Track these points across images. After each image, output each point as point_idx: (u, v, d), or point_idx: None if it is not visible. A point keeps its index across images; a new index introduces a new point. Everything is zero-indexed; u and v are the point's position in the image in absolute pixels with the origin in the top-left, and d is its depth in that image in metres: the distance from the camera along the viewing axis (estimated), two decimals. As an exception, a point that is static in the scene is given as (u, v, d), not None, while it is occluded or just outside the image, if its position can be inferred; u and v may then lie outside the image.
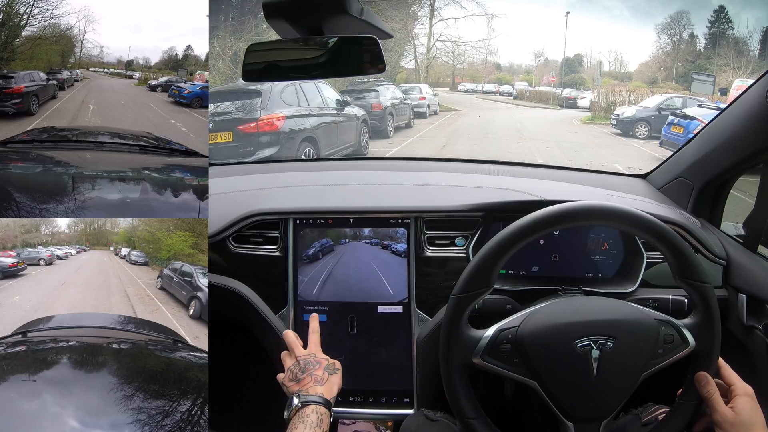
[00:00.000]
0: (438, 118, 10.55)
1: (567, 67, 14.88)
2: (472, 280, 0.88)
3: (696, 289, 0.88)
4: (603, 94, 11.83)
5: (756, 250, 1.21)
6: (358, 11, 0.84)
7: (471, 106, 12.46)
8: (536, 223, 0.87)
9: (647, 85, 13.13)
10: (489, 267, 0.88)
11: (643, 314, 0.89)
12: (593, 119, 11.29)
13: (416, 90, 10.62)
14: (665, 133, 7.86)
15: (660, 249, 0.88)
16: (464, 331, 0.88)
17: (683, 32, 13.65)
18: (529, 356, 0.87)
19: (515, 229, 0.88)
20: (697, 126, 6.83)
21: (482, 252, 0.88)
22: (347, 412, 1.28)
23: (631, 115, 9.53)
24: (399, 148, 7.41)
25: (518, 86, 15.36)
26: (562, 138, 9.02)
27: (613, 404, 0.87)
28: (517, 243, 0.87)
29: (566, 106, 13.06)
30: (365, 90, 7.80)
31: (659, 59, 13.96)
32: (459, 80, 15.44)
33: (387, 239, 1.25)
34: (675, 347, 0.88)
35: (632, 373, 0.86)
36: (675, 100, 9.67)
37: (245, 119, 4.80)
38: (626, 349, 0.86)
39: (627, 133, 9.29)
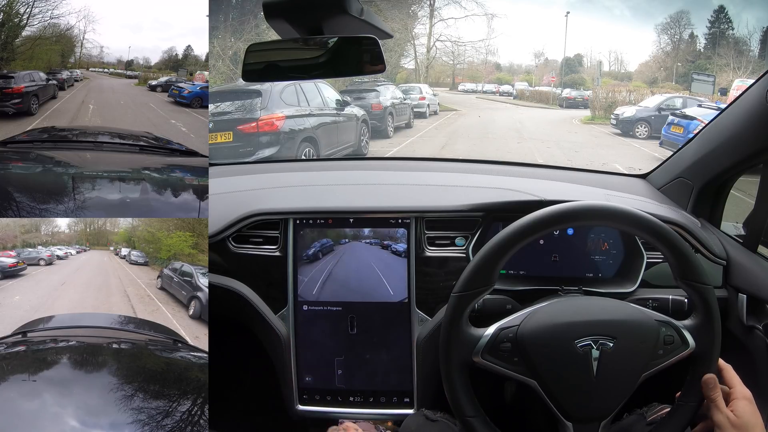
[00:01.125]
0: (438, 118, 10.55)
1: (567, 67, 14.93)
2: (474, 279, 0.88)
3: (696, 290, 0.88)
4: (602, 94, 11.91)
5: (756, 250, 1.21)
6: (358, 11, 0.84)
7: (471, 106, 12.44)
8: (536, 223, 0.87)
9: (647, 85, 13.19)
10: (490, 266, 0.88)
11: (643, 315, 0.89)
12: (593, 119, 11.28)
13: (416, 90, 10.59)
14: (665, 133, 7.87)
15: (660, 249, 0.88)
16: (465, 330, 0.88)
17: (683, 32, 13.70)
18: (529, 355, 0.87)
19: (516, 228, 0.88)
20: (697, 126, 6.80)
21: (483, 251, 0.89)
22: (347, 412, 1.28)
23: (631, 115, 9.55)
24: (399, 148, 7.42)
25: (518, 86, 15.38)
26: (562, 138, 9.04)
27: (612, 404, 0.87)
28: (518, 242, 0.87)
29: (566, 106, 13.16)
30: (365, 90, 7.83)
31: (659, 59, 13.99)
32: (459, 80, 15.46)
33: (387, 239, 1.25)
34: (675, 348, 0.88)
35: (632, 374, 0.86)
36: (675, 100, 9.68)
37: (245, 119, 4.82)
38: (626, 349, 0.86)
39: (627, 133, 9.30)
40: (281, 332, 1.25)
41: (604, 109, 11.19)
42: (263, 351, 1.31)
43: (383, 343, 1.26)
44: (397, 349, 1.25)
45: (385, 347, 1.26)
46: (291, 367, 1.26)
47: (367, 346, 1.26)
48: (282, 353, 1.26)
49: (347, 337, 1.26)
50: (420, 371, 1.24)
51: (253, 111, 4.85)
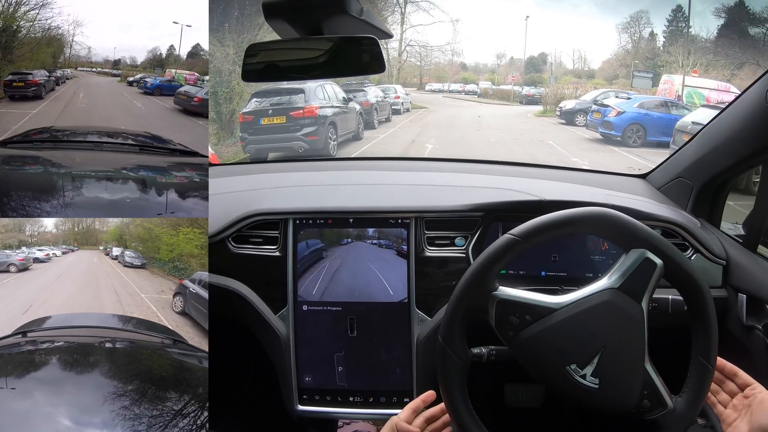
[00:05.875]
0: (411, 114, 12.39)
1: (531, 66, 16.01)
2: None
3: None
4: (551, 91, 13.67)
5: (756, 250, 1.21)
6: (358, 11, 0.84)
7: (439, 105, 14.02)
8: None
9: (607, 82, 14.26)
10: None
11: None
12: (545, 113, 12.82)
13: (392, 90, 12.22)
14: (589, 118, 10.19)
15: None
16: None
17: (643, 31, 14.53)
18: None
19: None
20: (609, 111, 9.35)
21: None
22: (347, 412, 1.28)
23: (572, 107, 11.35)
24: (384, 135, 9.54)
25: (482, 85, 16.42)
26: (514, 127, 11.00)
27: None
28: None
29: (526, 102, 14.49)
30: (354, 90, 9.58)
31: (620, 57, 14.83)
32: (426, 80, 16.53)
33: (386, 239, 1.25)
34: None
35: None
36: (608, 93, 11.36)
37: (294, 107, 7.29)
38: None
39: (570, 122, 11.05)
40: (281, 332, 1.25)
41: (555, 104, 12.57)
42: (263, 351, 1.31)
43: (383, 344, 1.26)
44: (397, 349, 1.25)
45: (384, 347, 1.26)
46: (291, 367, 1.26)
47: (367, 346, 1.26)
48: (282, 353, 1.26)
49: (347, 338, 1.26)
50: (420, 371, 1.24)
51: (299, 102, 7.32)
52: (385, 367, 1.26)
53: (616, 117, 9.26)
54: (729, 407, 0.88)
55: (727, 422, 0.87)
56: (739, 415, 0.86)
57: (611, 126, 9.24)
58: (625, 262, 0.85)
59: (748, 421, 0.84)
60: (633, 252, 0.85)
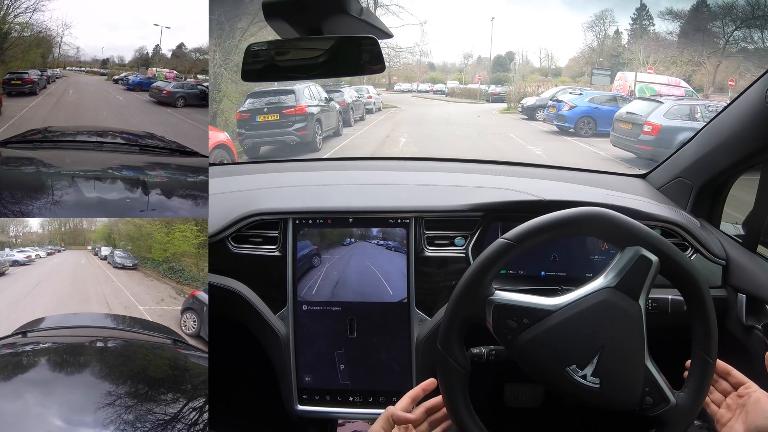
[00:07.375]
0: (383, 113, 13.47)
1: (498, 65, 16.73)
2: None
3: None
4: (514, 89, 14.64)
5: (755, 250, 1.21)
6: (358, 11, 0.84)
7: (408, 104, 15.06)
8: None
9: (572, 79, 14.99)
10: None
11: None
12: (509, 110, 13.96)
13: (365, 90, 13.06)
14: (546, 113, 11.19)
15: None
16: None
17: (608, 29, 15.24)
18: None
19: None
20: (563, 106, 10.39)
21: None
22: (347, 412, 1.28)
23: (532, 104, 12.40)
24: (361, 132, 10.60)
25: (450, 85, 17.17)
26: (478, 123, 12.11)
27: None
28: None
29: (492, 100, 15.31)
30: (332, 90, 10.39)
31: (586, 55, 15.44)
32: (395, 80, 17.21)
33: (386, 239, 1.25)
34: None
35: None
36: (565, 90, 12.38)
37: (286, 106, 8.17)
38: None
39: (530, 117, 12.11)
40: (281, 332, 1.25)
41: (518, 101, 13.43)
42: (263, 351, 1.31)
43: (382, 343, 1.26)
44: (397, 349, 1.25)
45: (384, 347, 1.26)
46: (290, 367, 1.26)
47: (367, 346, 1.26)
48: (281, 353, 1.26)
49: (346, 337, 1.26)
50: (419, 371, 1.24)
51: (290, 101, 8.19)
52: (384, 366, 1.26)
53: (569, 111, 10.25)
54: (723, 407, 0.88)
55: (722, 422, 0.86)
56: (734, 415, 0.85)
57: (565, 119, 10.22)
58: (621, 260, 0.85)
59: (744, 421, 0.83)
60: (628, 250, 0.84)
